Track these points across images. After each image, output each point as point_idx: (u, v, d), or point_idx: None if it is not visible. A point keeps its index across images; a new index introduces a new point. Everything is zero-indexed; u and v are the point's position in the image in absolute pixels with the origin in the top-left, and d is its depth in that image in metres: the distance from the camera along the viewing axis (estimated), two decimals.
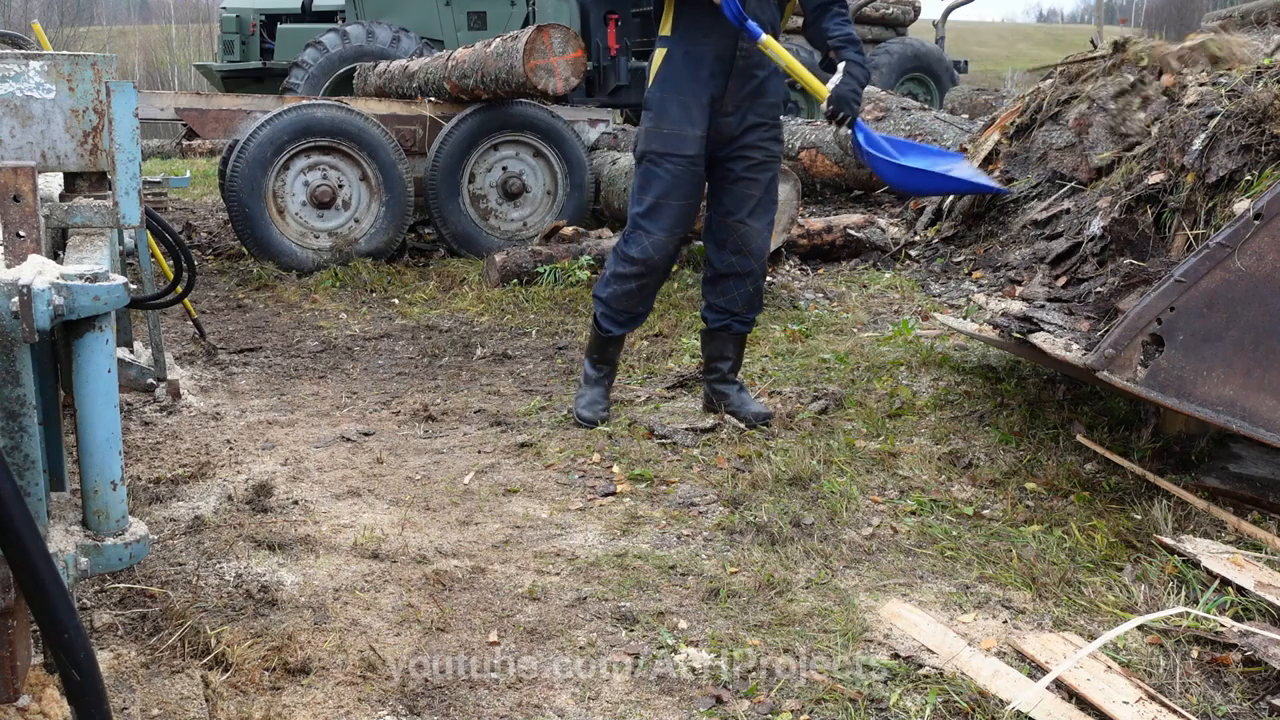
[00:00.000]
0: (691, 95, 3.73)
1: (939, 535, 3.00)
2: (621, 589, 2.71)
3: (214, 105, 7.43)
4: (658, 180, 3.79)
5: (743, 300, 3.93)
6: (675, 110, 3.75)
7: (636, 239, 3.85)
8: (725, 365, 4.01)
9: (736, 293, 3.92)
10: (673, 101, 3.75)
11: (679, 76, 3.74)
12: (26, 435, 1.51)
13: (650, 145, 3.79)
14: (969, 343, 4.51)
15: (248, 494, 3.28)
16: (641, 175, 3.85)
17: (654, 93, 3.81)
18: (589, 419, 3.98)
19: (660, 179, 3.79)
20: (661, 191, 3.79)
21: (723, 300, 3.95)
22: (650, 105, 3.82)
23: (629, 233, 3.89)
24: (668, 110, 3.76)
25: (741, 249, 3.87)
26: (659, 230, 3.81)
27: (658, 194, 3.79)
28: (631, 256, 3.85)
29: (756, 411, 3.90)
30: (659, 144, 3.77)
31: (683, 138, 3.74)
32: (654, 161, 3.79)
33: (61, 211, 2.09)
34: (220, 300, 6.47)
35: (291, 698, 2.21)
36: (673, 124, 3.75)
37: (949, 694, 2.19)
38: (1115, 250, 3.59)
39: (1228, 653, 2.30)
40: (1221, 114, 3.40)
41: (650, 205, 3.80)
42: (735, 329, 3.99)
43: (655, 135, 3.78)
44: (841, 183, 9.62)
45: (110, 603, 2.57)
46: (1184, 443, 3.29)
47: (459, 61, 7.36)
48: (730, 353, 4.01)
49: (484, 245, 7.38)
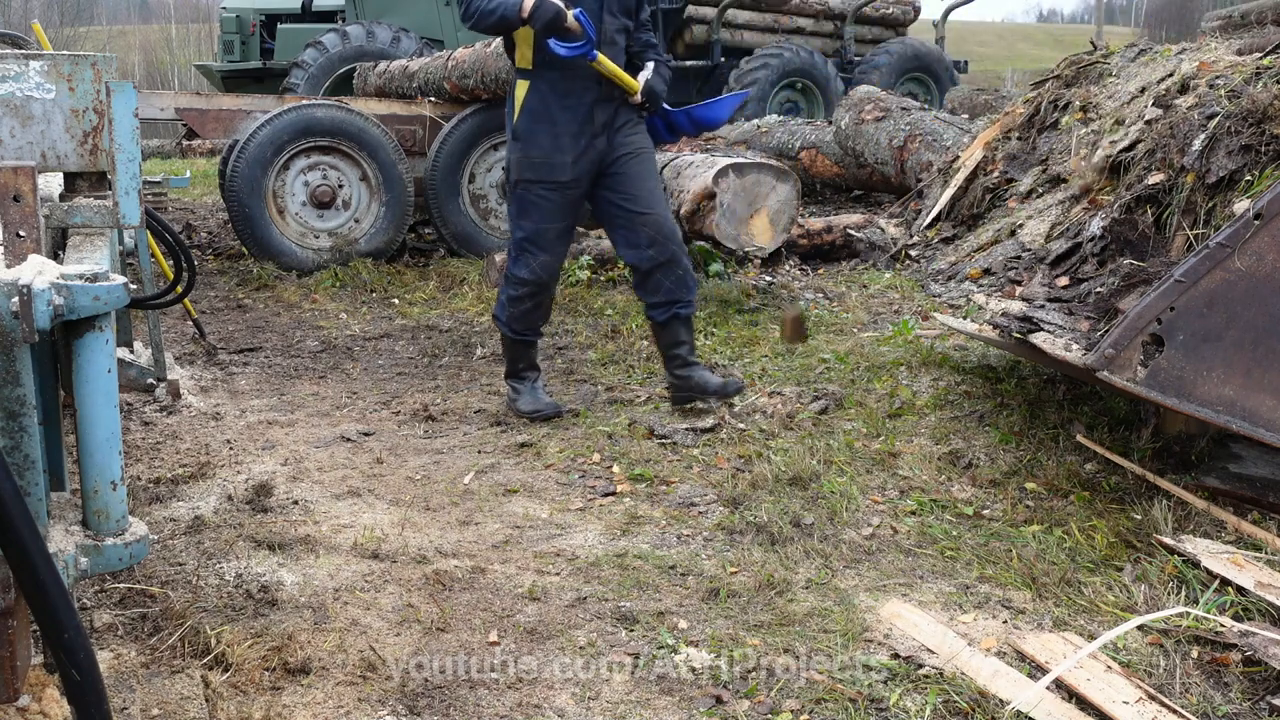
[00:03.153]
0: (562, 124, 3.92)
1: (939, 535, 3.00)
2: (621, 589, 2.71)
3: (214, 105, 7.43)
4: (534, 208, 3.97)
5: (677, 287, 4.04)
6: (545, 139, 3.92)
7: (524, 261, 4.01)
8: (684, 349, 4.11)
9: (668, 282, 4.02)
10: (542, 131, 3.92)
11: (547, 107, 3.91)
12: (26, 435, 1.51)
13: (523, 174, 3.96)
14: (969, 343, 4.51)
15: (248, 494, 3.28)
16: (518, 202, 4.00)
17: (522, 123, 3.95)
18: (546, 406, 4.10)
19: (536, 206, 3.96)
20: (539, 217, 3.97)
21: (660, 295, 4.05)
22: (518, 135, 3.97)
23: (516, 255, 4.04)
24: (537, 139, 3.92)
25: (655, 239, 3.98)
26: (543, 252, 4.00)
27: (537, 220, 3.97)
28: (522, 278, 4.02)
29: (723, 382, 4.07)
30: (531, 172, 3.94)
31: (553, 165, 3.92)
32: (527, 188, 3.96)
33: (61, 211, 2.09)
34: (220, 300, 6.47)
35: (291, 698, 2.21)
36: (543, 152, 3.92)
37: (949, 694, 2.19)
38: (1115, 250, 3.59)
39: (1228, 653, 2.30)
40: (1221, 114, 3.39)
41: (532, 231, 3.98)
42: (681, 314, 4.09)
43: (526, 164, 3.94)
44: (841, 183, 9.63)
45: (110, 603, 2.57)
46: (1184, 443, 3.29)
47: (459, 61, 7.36)
48: (684, 336, 4.11)
49: (484, 245, 7.39)
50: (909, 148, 8.10)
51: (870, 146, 8.52)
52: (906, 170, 8.10)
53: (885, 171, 8.42)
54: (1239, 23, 8.32)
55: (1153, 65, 6.32)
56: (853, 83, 13.30)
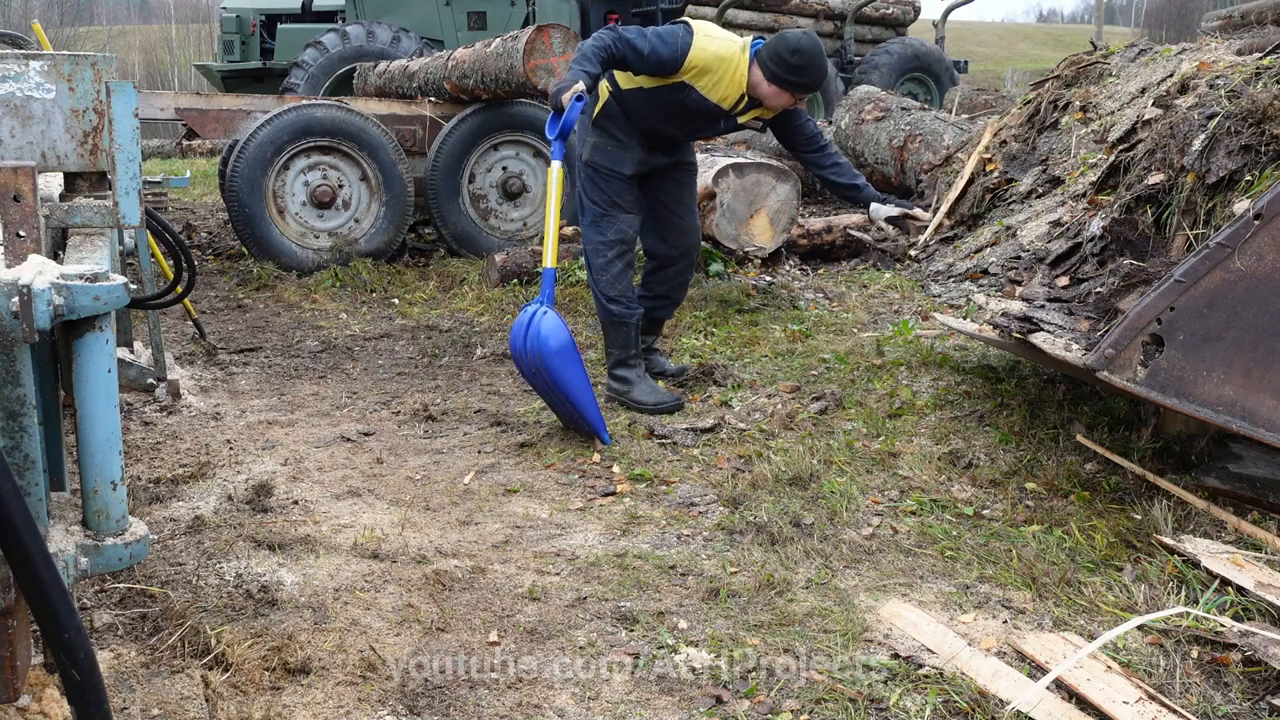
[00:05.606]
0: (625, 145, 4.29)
1: (939, 535, 2.99)
2: (621, 589, 2.71)
3: (214, 105, 7.43)
4: (605, 183, 4.27)
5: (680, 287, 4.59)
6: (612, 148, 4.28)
7: (608, 224, 4.26)
8: (653, 339, 4.66)
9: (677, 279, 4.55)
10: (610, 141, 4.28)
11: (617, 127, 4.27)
12: (26, 435, 1.51)
13: (594, 157, 4.29)
14: (969, 343, 4.50)
15: (248, 494, 3.28)
16: (589, 180, 4.31)
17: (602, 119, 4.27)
18: (670, 398, 4.25)
19: (607, 181, 4.28)
20: (612, 191, 4.27)
21: (663, 288, 4.54)
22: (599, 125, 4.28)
23: (597, 223, 4.27)
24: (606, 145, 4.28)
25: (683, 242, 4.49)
26: (624, 212, 4.27)
27: (609, 193, 4.27)
28: (610, 240, 4.25)
29: (679, 368, 4.56)
30: (604, 159, 4.27)
31: (623, 160, 4.28)
32: (596, 169, 4.29)
33: (61, 211, 2.09)
34: (220, 300, 6.47)
35: (291, 698, 2.21)
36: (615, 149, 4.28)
37: (949, 694, 2.19)
38: (1115, 250, 3.59)
39: (1228, 653, 2.30)
40: (1221, 114, 3.39)
41: (607, 202, 4.27)
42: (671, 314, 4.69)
43: (600, 150, 4.29)
44: None
45: (110, 603, 2.56)
46: (1184, 443, 3.29)
47: (459, 61, 7.36)
48: (661, 330, 4.72)
49: (484, 245, 7.39)
50: (909, 148, 8.10)
51: (870, 146, 8.52)
52: (906, 170, 8.10)
53: (885, 171, 8.42)
54: (1239, 23, 8.31)
55: (1153, 65, 6.32)
56: (853, 83, 13.31)
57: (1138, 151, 4.07)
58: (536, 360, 3.70)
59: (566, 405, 3.79)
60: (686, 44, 3.99)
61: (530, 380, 3.85)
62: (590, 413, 3.76)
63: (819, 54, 4.03)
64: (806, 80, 4.05)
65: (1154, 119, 4.44)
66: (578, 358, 3.76)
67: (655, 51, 3.96)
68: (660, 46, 3.97)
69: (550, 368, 3.68)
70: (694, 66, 4.01)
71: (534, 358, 3.70)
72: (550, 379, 3.70)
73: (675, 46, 3.99)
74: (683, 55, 3.99)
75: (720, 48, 4.04)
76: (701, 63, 4.01)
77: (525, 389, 4.55)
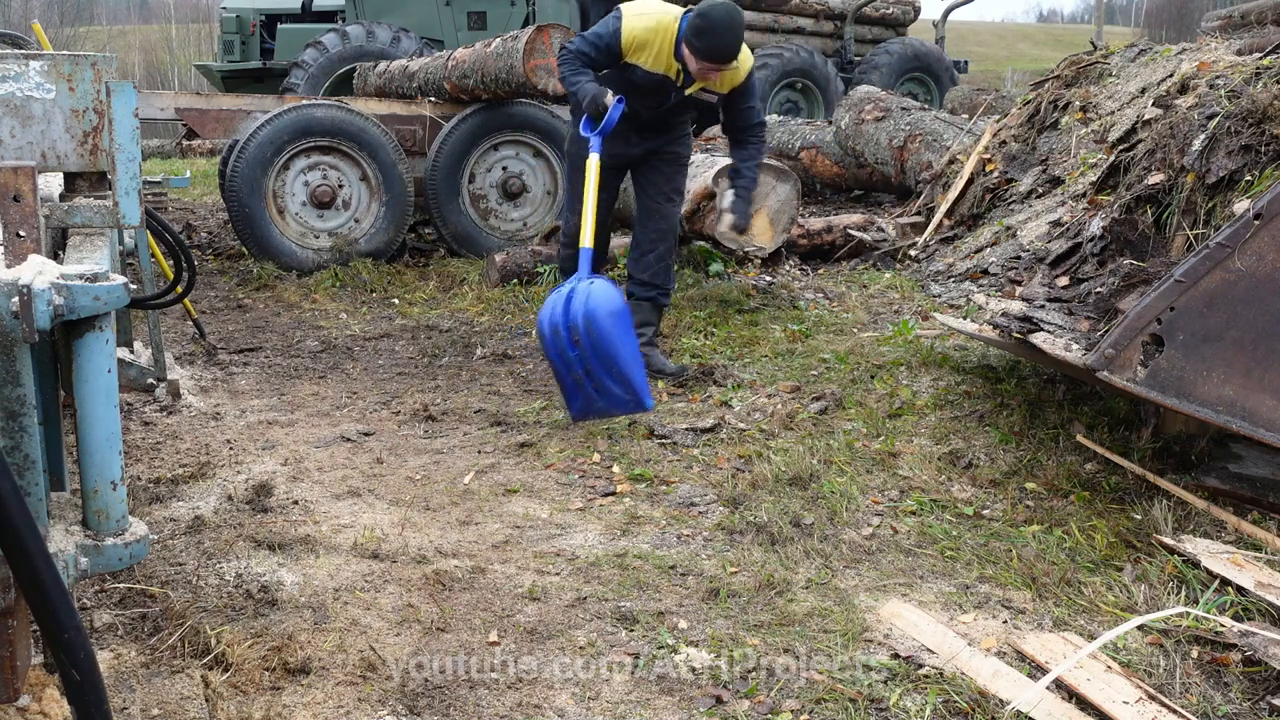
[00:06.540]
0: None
1: (939, 535, 2.99)
2: (621, 589, 2.71)
3: (214, 105, 7.43)
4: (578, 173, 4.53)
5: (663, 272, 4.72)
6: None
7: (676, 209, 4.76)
8: (649, 331, 4.69)
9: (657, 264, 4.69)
10: None
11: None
12: (26, 435, 1.51)
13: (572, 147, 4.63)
14: (969, 343, 4.50)
15: (248, 494, 3.28)
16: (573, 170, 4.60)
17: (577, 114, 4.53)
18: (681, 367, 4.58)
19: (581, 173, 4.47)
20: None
21: (646, 274, 4.70)
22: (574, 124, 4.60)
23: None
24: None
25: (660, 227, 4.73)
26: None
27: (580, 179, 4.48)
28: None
29: (679, 368, 4.59)
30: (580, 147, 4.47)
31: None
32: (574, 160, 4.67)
33: (61, 211, 2.09)
34: (220, 300, 6.47)
35: (291, 698, 2.21)
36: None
37: (949, 694, 2.19)
38: (1115, 250, 3.58)
39: (1228, 653, 2.30)
40: (1221, 114, 3.39)
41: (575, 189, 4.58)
42: (660, 301, 4.76)
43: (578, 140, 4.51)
44: (841, 183, 9.63)
45: (110, 603, 2.56)
46: (1184, 443, 3.29)
47: (459, 61, 7.36)
48: (653, 319, 4.76)
49: (484, 245, 7.38)
50: (909, 148, 8.10)
51: (870, 146, 8.52)
52: (906, 170, 8.10)
53: (885, 171, 8.42)
54: (1239, 23, 8.31)
55: (1153, 65, 6.32)
56: (853, 83, 13.31)
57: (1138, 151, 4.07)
58: (587, 325, 3.67)
59: (613, 370, 3.71)
60: (617, 28, 4.32)
61: (559, 359, 3.77)
62: (638, 379, 3.75)
63: (728, 23, 4.13)
64: (707, 46, 4.15)
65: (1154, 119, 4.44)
66: (630, 323, 3.86)
67: (598, 45, 4.33)
68: (600, 40, 4.35)
69: (602, 329, 3.66)
70: (631, 45, 4.32)
71: (585, 323, 3.68)
72: (601, 342, 3.67)
73: (610, 34, 4.34)
74: (617, 39, 4.31)
75: (651, 21, 4.31)
76: (636, 40, 4.30)
77: (525, 389, 4.55)
